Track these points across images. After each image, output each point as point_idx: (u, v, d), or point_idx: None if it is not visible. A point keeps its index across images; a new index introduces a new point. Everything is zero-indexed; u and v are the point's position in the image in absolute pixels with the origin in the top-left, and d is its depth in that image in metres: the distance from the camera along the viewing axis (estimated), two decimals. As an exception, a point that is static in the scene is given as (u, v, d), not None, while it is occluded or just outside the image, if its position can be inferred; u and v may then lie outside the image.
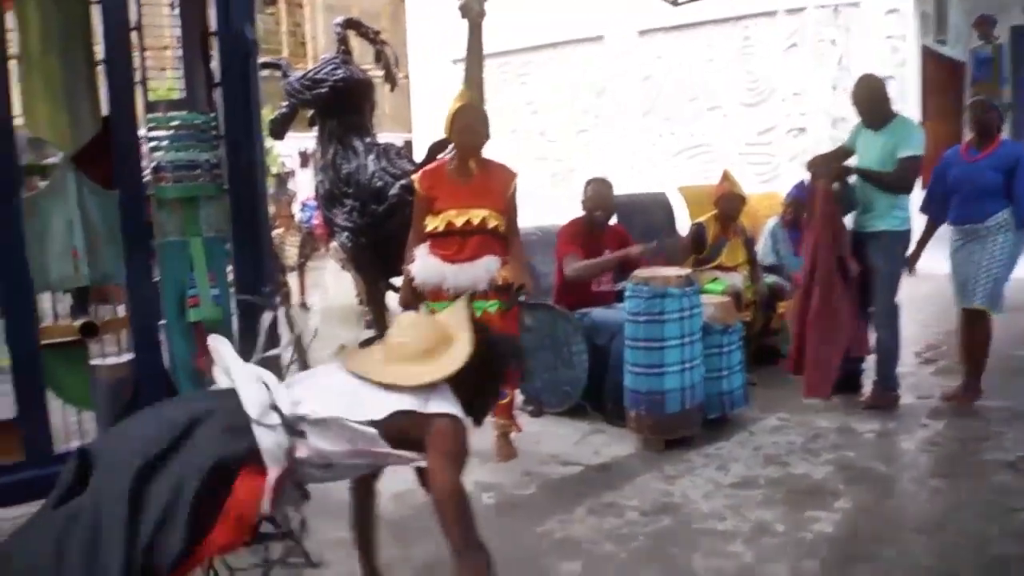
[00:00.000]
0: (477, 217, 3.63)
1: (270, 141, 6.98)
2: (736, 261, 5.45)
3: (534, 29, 10.87)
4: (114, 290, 3.33)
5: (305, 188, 15.21)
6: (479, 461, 3.69)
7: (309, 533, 2.36)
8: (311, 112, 5.16)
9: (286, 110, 5.19)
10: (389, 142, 5.17)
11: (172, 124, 3.07)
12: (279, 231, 9.24)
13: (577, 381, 4.54)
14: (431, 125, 6.72)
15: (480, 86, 4.25)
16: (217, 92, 3.21)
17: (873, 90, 4.56)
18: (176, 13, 3.21)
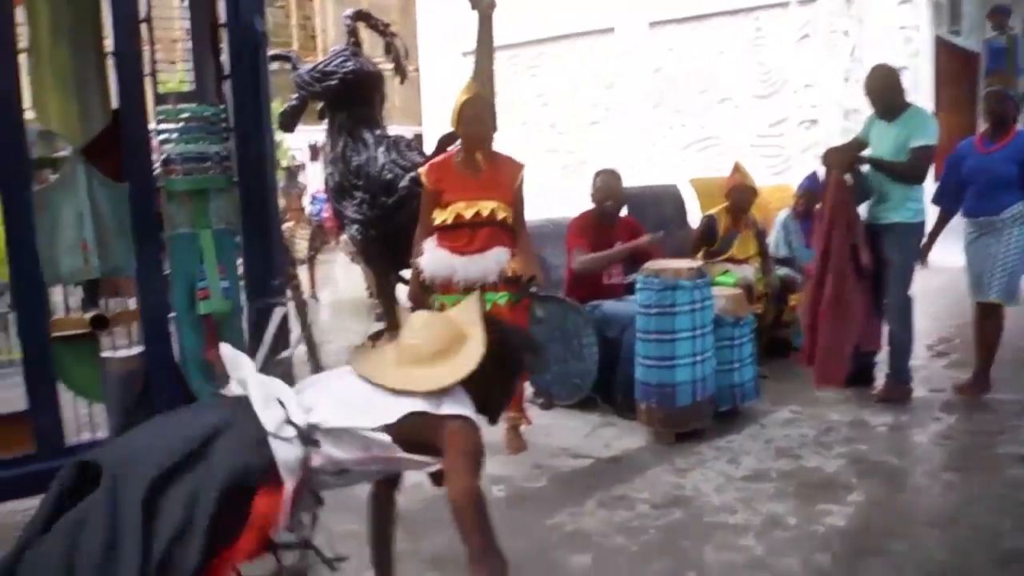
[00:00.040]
0: (486, 209, 3.62)
1: (280, 134, 6.99)
2: (747, 253, 5.43)
3: (544, 21, 10.83)
4: (124, 283, 3.35)
5: (315, 181, 15.22)
6: (489, 453, 3.66)
7: (321, 528, 2.36)
8: (321, 105, 5.16)
9: (296, 103, 5.18)
10: (399, 134, 5.16)
11: (182, 116, 3.08)
12: (289, 224, 9.26)
13: (587, 374, 4.54)
14: (441, 118, 6.69)
15: (490, 79, 4.23)
16: (227, 84, 3.21)
17: (886, 80, 4.52)
18: (185, 5, 3.22)
